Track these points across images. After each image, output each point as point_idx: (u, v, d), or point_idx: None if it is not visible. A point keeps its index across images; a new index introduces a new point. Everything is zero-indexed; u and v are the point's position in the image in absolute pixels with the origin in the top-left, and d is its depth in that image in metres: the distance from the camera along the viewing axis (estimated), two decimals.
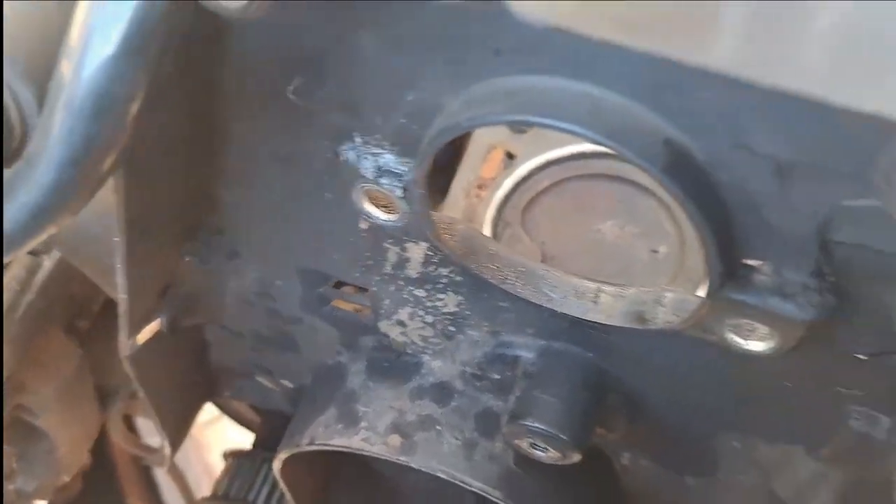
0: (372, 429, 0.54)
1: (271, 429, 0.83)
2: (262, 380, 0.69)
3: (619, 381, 0.49)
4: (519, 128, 0.57)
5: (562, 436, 0.46)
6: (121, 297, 0.51)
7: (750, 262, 0.38)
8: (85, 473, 1.27)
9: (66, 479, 0.81)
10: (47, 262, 0.69)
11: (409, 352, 0.56)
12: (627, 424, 0.52)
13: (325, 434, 0.56)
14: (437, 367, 0.55)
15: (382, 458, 0.53)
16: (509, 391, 0.53)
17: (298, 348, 0.61)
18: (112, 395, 0.84)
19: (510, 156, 0.59)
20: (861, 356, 0.41)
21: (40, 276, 0.68)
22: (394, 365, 0.57)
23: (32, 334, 0.69)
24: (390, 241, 0.47)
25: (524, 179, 0.58)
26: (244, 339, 0.63)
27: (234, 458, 0.83)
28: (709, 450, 0.52)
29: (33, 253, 0.68)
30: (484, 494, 0.52)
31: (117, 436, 0.86)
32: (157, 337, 0.57)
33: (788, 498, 0.51)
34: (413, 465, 0.53)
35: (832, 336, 0.40)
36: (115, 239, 0.47)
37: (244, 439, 0.92)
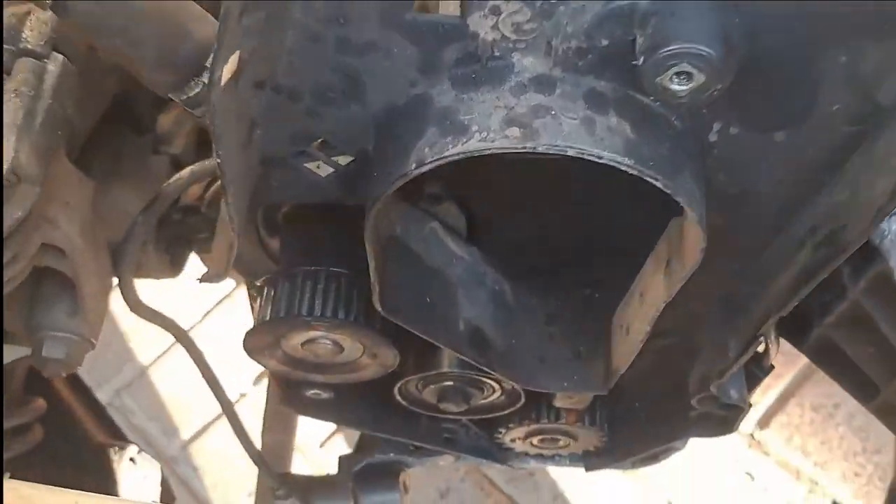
0: (486, 129, 0.52)
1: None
2: (312, 165, 0.66)
3: (739, 8, 0.49)
4: None
5: (709, 49, 0.46)
6: None
7: None
8: (43, 420, 1.19)
9: (94, 342, 0.75)
10: (51, 67, 0.62)
11: (497, 54, 0.54)
12: (736, 71, 0.52)
13: (435, 151, 0.53)
14: (529, 64, 0.54)
15: (507, 151, 0.52)
16: (612, 63, 0.52)
17: (365, 93, 0.58)
18: (119, 249, 0.78)
19: None
20: None
21: (49, 80, 0.62)
22: (482, 73, 0.54)
23: (54, 147, 0.62)
24: None
25: None
26: (300, 101, 0.59)
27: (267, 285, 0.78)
28: (809, 80, 0.53)
29: (35, 56, 0.62)
30: (614, 164, 0.52)
31: (129, 297, 0.80)
32: (233, 80, 0.52)
33: (892, 101, 0.53)
34: (541, 148, 0.51)
35: None
36: None
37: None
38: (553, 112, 0.52)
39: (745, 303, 0.70)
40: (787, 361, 1.81)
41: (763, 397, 1.90)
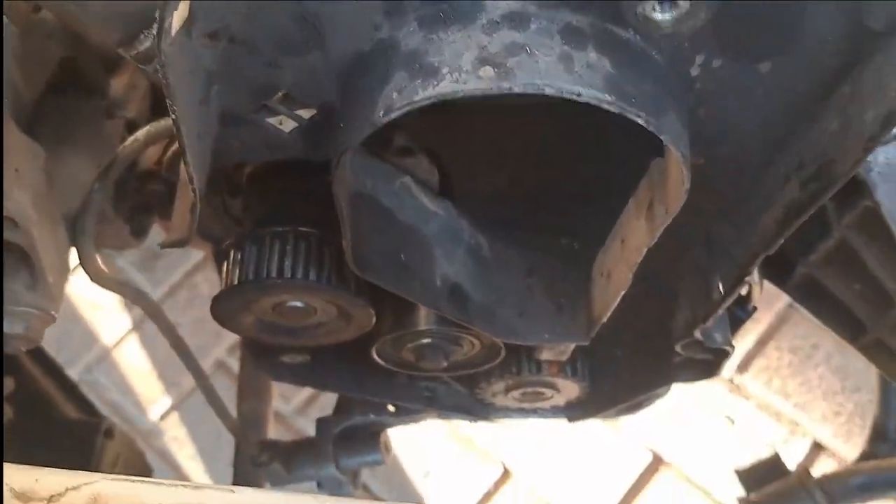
0: (457, 70, 0.49)
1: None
2: (274, 121, 0.62)
3: None
4: None
5: None
6: None
7: None
8: (11, 398, 1.16)
9: (55, 314, 0.72)
10: None
11: None
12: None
13: (404, 96, 0.50)
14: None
15: (478, 94, 0.49)
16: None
17: (327, 40, 0.54)
18: (75, 220, 0.75)
19: None
20: None
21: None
22: (451, 12, 0.51)
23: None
24: None
25: None
26: (258, 52, 0.55)
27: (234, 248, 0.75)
28: (796, 5, 0.50)
29: None
30: (594, 102, 0.49)
31: (90, 267, 0.76)
32: (184, 30, 0.48)
33: (882, 25, 0.50)
34: (517, 89, 0.48)
35: None
36: None
37: None
38: (528, 49, 0.49)
39: (729, 244, 0.68)
40: (766, 305, 1.81)
41: (742, 342, 1.90)
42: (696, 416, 1.86)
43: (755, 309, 0.82)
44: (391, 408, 1.02)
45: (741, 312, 0.82)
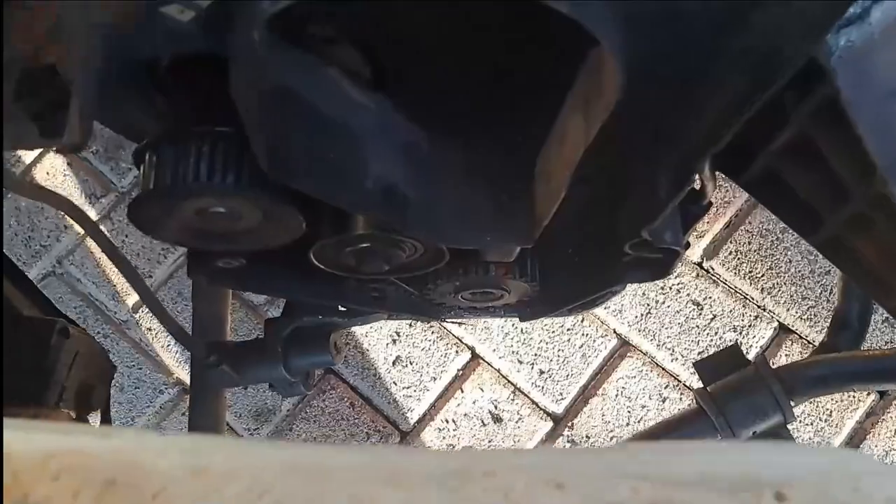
0: None
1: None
2: (171, 9, 0.56)
3: None
4: None
5: None
6: None
7: None
8: None
9: None
10: None
11: None
12: None
13: None
14: None
15: None
16: None
17: None
18: None
19: None
20: None
21: None
22: None
23: None
24: None
25: None
26: None
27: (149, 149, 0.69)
28: None
29: None
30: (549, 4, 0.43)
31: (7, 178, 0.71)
32: None
33: None
34: None
35: None
36: None
37: None
38: None
39: (675, 138, 0.63)
40: (736, 188, 1.77)
41: (712, 226, 1.88)
42: (663, 300, 1.85)
43: (710, 205, 0.78)
44: (341, 308, 0.99)
45: (696, 209, 0.78)
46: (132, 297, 2.02)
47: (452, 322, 1.00)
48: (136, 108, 0.75)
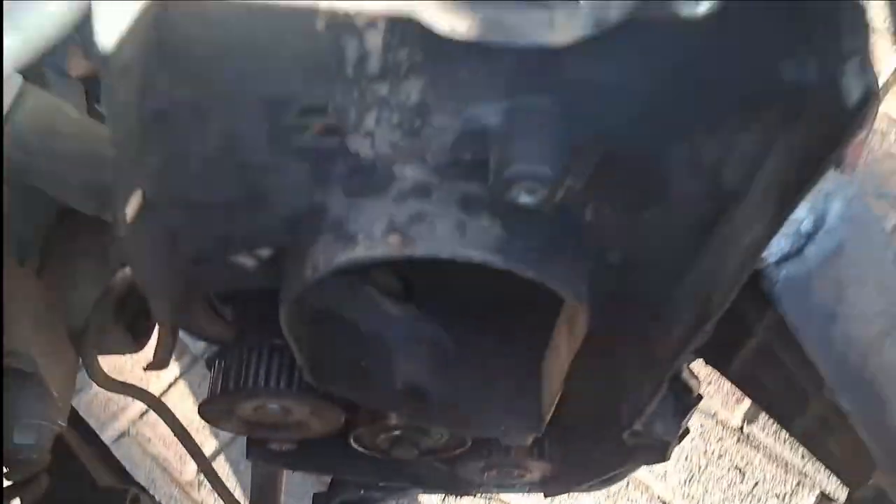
0: (370, 237, 0.58)
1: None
2: (237, 258, 0.72)
3: (583, 121, 0.54)
4: None
5: (546, 168, 0.52)
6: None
7: None
8: (49, 470, 1.26)
9: (63, 424, 0.82)
10: None
11: (380, 166, 0.59)
12: (593, 167, 0.57)
13: (326, 258, 0.59)
14: (409, 173, 0.59)
15: (387, 259, 0.58)
16: (480, 172, 0.58)
17: (269, 204, 0.64)
18: (80, 335, 0.85)
19: None
20: None
21: None
22: (368, 183, 0.60)
23: None
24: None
25: None
26: (214, 211, 0.65)
27: (218, 358, 0.85)
28: (659, 170, 0.58)
29: None
30: (485, 264, 0.57)
31: (96, 376, 0.87)
32: (140, 214, 0.58)
33: (734, 186, 0.58)
34: (418, 254, 0.57)
35: None
36: None
37: None
38: (429, 218, 0.57)
39: (651, 351, 0.75)
40: None
41: None
42: (706, 465, 1.90)
43: (700, 397, 0.89)
44: (380, 484, 1.10)
45: (688, 400, 0.89)
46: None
47: (485, 496, 1.10)
48: (206, 318, 0.91)
